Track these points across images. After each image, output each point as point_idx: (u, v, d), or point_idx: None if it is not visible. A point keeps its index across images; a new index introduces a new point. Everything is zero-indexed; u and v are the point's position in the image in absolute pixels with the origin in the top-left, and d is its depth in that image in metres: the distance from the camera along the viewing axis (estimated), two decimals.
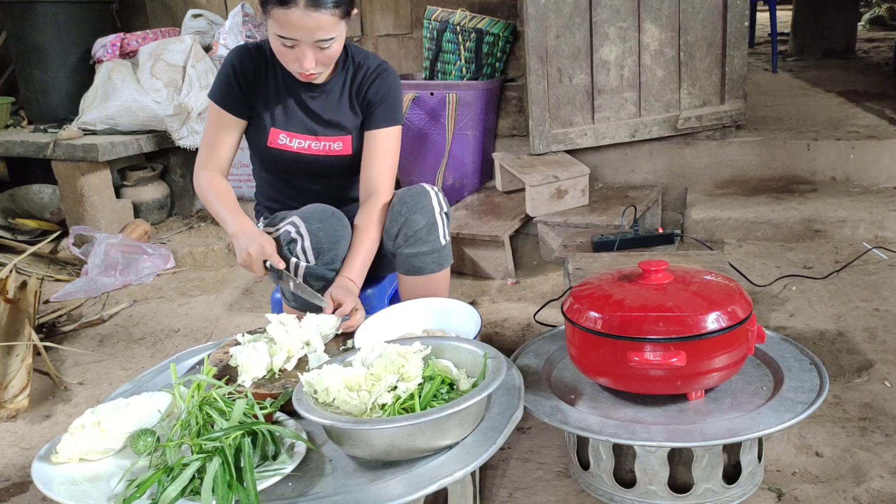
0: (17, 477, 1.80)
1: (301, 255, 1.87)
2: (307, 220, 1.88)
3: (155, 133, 3.54)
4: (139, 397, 1.41)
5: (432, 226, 1.92)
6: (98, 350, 2.50)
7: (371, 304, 2.17)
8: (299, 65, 1.78)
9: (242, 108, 1.95)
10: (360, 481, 1.23)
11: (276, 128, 1.96)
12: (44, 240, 3.34)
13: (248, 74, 1.93)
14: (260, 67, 1.94)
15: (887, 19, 7.44)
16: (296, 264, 1.89)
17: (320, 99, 1.96)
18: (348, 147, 1.98)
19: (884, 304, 2.27)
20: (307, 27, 1.70)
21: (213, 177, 1.95)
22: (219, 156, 1.96)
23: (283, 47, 1.77)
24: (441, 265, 1.97)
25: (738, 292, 1.50)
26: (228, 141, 1.96)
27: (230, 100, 1.93)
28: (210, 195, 1.92)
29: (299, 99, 1.96)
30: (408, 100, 3.33)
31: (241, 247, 1.82)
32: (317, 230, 1.86)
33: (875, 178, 3.03)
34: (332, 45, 1.77)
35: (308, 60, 1.77)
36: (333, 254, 1.88)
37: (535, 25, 2.99)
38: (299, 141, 1.97)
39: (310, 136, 1.97)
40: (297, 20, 1.69)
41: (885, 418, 1.76)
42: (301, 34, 1.72)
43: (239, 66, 1.92)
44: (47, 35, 3.72)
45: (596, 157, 3.25)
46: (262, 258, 1.80)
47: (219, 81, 1.95)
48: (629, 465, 1.49)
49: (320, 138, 1.97)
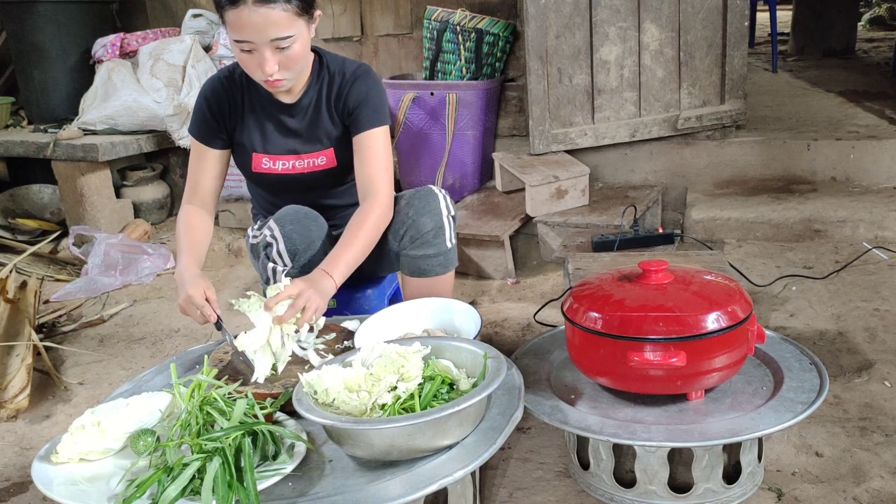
0: (17, 477, 1.80)
1: (278, 258, 1.86)
2: (280, 222, 1.86)
3: (155, 133, 3.54)
4: (139, 397, 1.41)
5: (439, 229, 1.91)
6: (98, 350, 2.50)
7: (371, 304, 2.17)
8: (261, 70, 1.71)
9: (221, 140, 1.92)
10: (360, 481, 1.23)
11: (257, 153, 1.93)
12: (44, 240, 3.34)
13: (223, 105, 1.89)
14: (234, 95, 1.90)
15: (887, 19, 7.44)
16: (273, 269, 1.88)
17: (298, 117, 1.91)
18: (332, 160, 1.94)
19: (884, 304, 2.27)
20: (258, 25, 1.64)
21: (191, 212, 1.90)
22: (202, 190, 1.93)
23: (242, 54, 1.71)
24: (446, 268, 1.97)
25: (738, 292, 1.50)
26: (212, 173, 1.93)
27: (207, 133, 1.91)
28: (181, 230, 1.87)
29: (277, 121, 1.91)
30: (408, 100, 3.33)
31: (181, 289, 1.70)
32: (290, 232, 1.84)
33: (875, 178, 3.03)
34: (291, 45, 1.70)
35: (269, 64, 1.69)
36: (310, 255, 1.86)
37: (535, 25, 2.99)
38: (283, 162, 1.94)
39: (292, 157, 1.93)
40: (246, 18, 1.64)
41: (885, 418, 1.76)
42: (254, 34, 1.65)
43: (212, 98, 1.89)
44: (47, 35, 3.72)
45: (596, 157, 3.25)
46: (198, 305, 1.65)
47: (195, 116, 1.93)
48: (629, 465, 1.49)
49: (303, 156, 1.93)
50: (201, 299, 1.65)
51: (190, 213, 1.89)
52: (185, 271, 1.73)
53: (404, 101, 3.33)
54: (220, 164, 1.95)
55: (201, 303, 1.65)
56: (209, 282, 1.71)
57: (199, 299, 1.65)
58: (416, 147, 3.42)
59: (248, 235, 2.03)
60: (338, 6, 3.70)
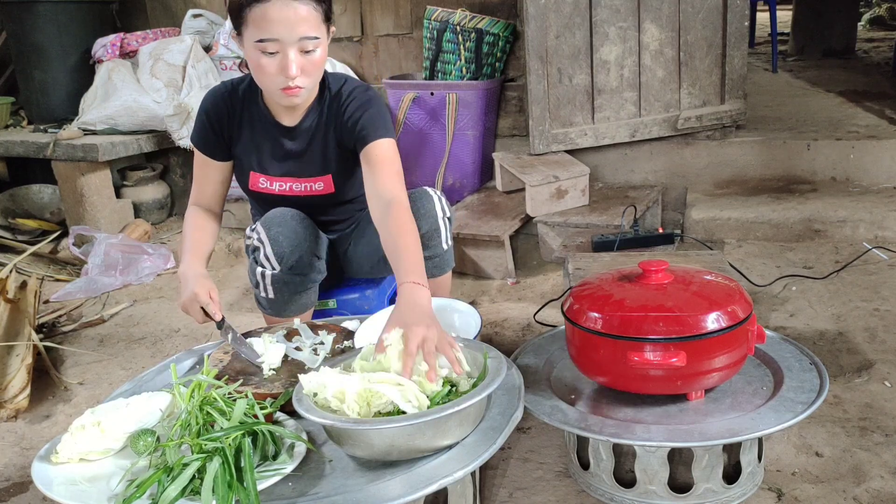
0: (17, 477, 1.80)
1: (266, 262, 1.85)
2: (267, 225, 1.85)
3: (155, 133, 3.54)
4: (139, 397, 1.41)
5: (434, 231, 1.91)
6: (98, 350, 2.50)
7: (371, 304, 2.18)
8: (284, 74, 1.65)
9: (221, 152, 1.91)
10: (360, 481, 1.23)
11: (254, 171, 1.92)
12: (44, 240, 3.34)
13: (223, 119, 1.88)
14: (234, 110, 1.88)
15: (887, 19, 7.44)
16: (262, 273, 1.88)
17: (298, 140, 1.88)
18: (330, 186, 1.92)
19: (884, 304, 2.27)
20: (288, 21, 1.61)
21: (197, 213, 1.91)
22: (207, 194, 1.94)
23: (264, 57, 1.65)
24: (443, 269, 1.97)
25: (738, 292, 1.50)
26: (215, 180, 1.94)
27: (208, 145, 1.90)
28: (186, 230, 1.87)
29: (275, 142, 1.88)
30: (408, 100, 3.33)
31: (185, 287, 1.70)
32: (276, 235, 1.83)
33: (875, 178, 3.03)
34: (316, 48, 1.67)
35: (293, 66, 1.64)
36: (296, 257, 1.85)
37: (535, 25, 2.99)
38: (280, 184, 1.92)
39: (290, 179, 1.91)
40: (276, 13, 1.60)
41: (885, 418, 1.76)
42: (282, 30, 1.61)
43: (213, 111, 1.88)
44: (47, 35, 3.72)
45: (596, 157, 3.24)
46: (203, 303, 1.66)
47: (196, 127, 1.92)
48: (629, 465, 1.49)
49: (301, 180, 1.91)
50: (206, 297, 1.66)
51: (196, 214, 1.90)
52: (189, 270, 1.74)
53: (404, 101, 3.33)
54: (224, 172, 1.95)
55: (206, 300, 1.65)
56: (212, 282, 1.72)
57: (204, 297, 1.65)
58: (416, 147, 3.42)
59: (246, 236, 2.04)
60: (338, 6, 3.70)
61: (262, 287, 1.90)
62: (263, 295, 1.92)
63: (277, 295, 1.90)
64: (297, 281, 1.89)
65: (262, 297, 1.93)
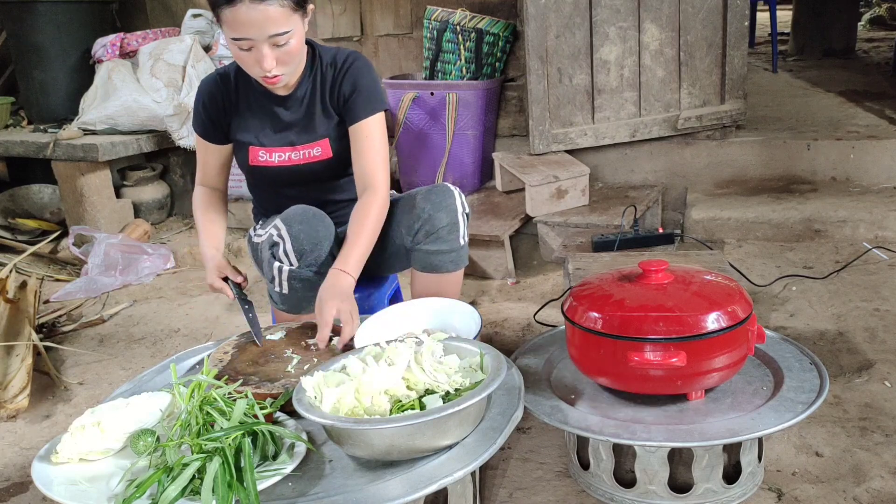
0: (17, 477, 1.80)
1: (284, 258, 1.87)
2: (288, 222, 1.87)
3: (155, 133, 3.54)
4: (139, 397, 1.41)
5: (454, 225, 1.92)
6: (98, 350, 2.50)
7: (371, 304, 2.17)
8: (260, 67, 1.74)
9: (219, 136, 1.98)
10: (360, 481, 1.23)
11: (254, 146, 1.96)
12: (44, 240, 3.35)
13: (217, 104, 1.94)
14: (228, 94, 1.94)
15: (887, 19, 7.44)
16: (279, 268, 1.89)
17: (293, 109, 1.94)
18: (327, 150, 1.96)
19: (884, 304, 2.27)
20: (256, 22, 1.66)
21: (205, 192, 2.02)
22: (211, 175, 2.03)
23: (240, 52, 1.73)
24: (457, 265, 1.97)
25: (738, 292, 1.50)
26: (217, 162, 2.02)
27: (206, 130, 1.97)
28: (197, 210, 2.01)
29: (272, 114, 1.94)
30: (408, 100, 3.33)
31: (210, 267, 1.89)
32: (298, 232, 1.86)
33: (875, 178, 3.03)
34: (289, 40, 1.72)
35: (267, 60, 1.71)
36: (316, 255, 1.87)
37: (535, 25, 2.99)
38: (279, 154, 1.96)
39: (288, 148, 1.95)
40: (244, 16, 1.65)
41: (885, 418, 1.76)
42: (252, 31, 1.67)
43: (207, 98, 1.94)
44: (47, 35, 3.72)
45: (596, 157, 3.25)
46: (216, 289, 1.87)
47: (194, 114, 2.00)
48: (629, 465, 1.49)
49: (297, 147, 1.95)
50: (219, 283, 1.86)
51: (204, 193, 2.02)
52: (204, 252, 1.92)
53: (404, 101, 3.33)
54: (223, 155, 2.02)
55: (219, 286, 1.86)
56: (224, 260, 1.90)
57: (217, 284, 1.86)
58: (416, 147, 3.42)
59: (251, 235, 2.04)
60: (338, 6, 3.70)
61: (278, 282, 1.92)
62: (277, 290, 1.93)
63: (291, 291, 1.92)
64: (314, 278, 1.90)
65: (275, 293, 1.95)
